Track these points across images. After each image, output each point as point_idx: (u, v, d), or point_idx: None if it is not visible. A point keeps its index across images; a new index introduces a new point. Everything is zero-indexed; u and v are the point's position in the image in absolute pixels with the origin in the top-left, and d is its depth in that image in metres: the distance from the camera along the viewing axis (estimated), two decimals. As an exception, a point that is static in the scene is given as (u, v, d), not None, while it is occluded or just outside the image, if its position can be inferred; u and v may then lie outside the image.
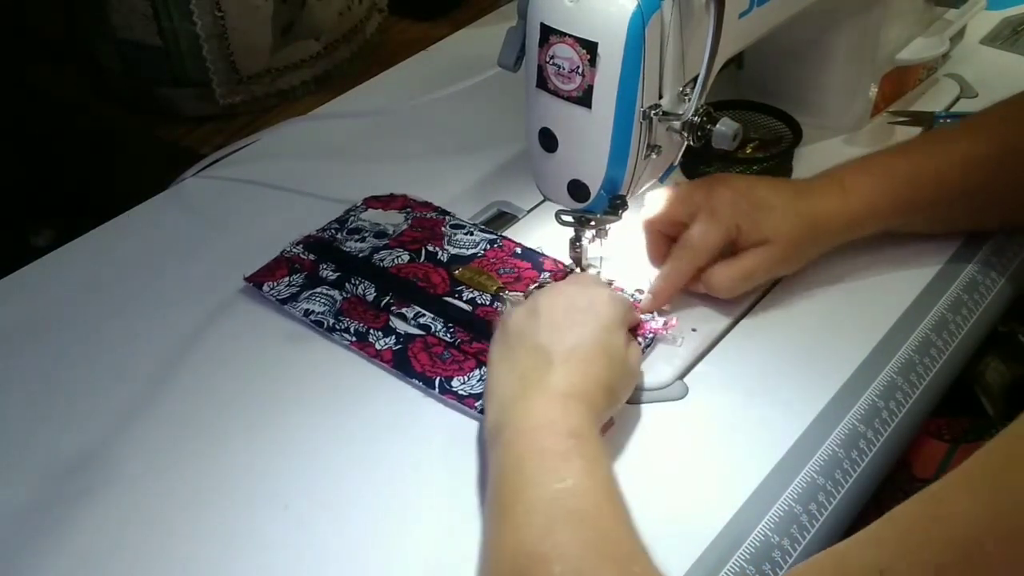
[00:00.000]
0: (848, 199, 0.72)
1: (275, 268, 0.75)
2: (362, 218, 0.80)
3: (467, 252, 0.77)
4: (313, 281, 0.74)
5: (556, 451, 0.55)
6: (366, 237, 0.78)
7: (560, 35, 0.60)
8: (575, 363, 0.59)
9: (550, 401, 0.58)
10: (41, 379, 0.70)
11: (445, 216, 0.81)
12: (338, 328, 0.70)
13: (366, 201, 0.83)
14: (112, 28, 0.98)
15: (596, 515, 0.52)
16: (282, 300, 0.73)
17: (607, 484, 0.54)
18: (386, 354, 0.69)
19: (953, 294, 0.74)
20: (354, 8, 1.09)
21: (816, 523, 0.60)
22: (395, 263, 0.75)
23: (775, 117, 0.87)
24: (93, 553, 0.58)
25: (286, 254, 0.76)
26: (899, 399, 0.67)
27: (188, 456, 0.64)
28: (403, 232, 0.78)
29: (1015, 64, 1.00)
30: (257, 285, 0.74)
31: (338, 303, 0.72)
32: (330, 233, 0.79)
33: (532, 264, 0.76)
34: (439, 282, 0.74)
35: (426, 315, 0.71)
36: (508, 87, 0.69)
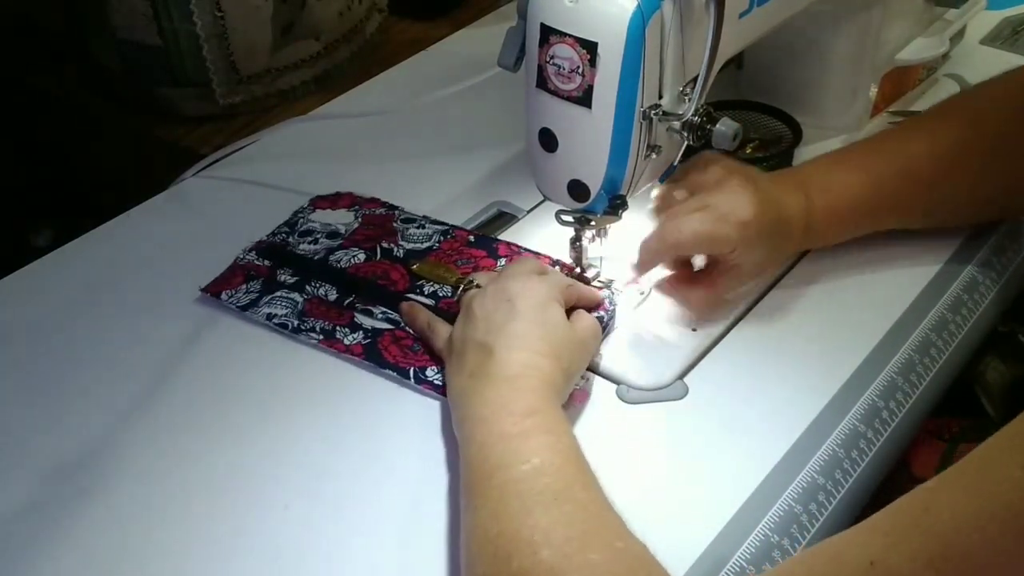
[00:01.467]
0: (812, 204, 0.70)
1: (231, 276, 0.75)
2: (311, 219, 0.80)
3: (422, 246, 0.77)
4: (271, 286, 0.74)
5: (515, 433, 0.56)
6: (319, 239, 0.78)
7: (560, 35, 0.60)
8: (514, 346, 0.61)
9: (498, 386, 0.59)
10: (41, 379, 0.70)
11: (394, 211, 0.81)
12: (303, 328, 0.70)
13: (313, 202, 0.83)
14: (112, 28, 0.98)
15: (568, 490, 0.53)
16: (242, 307, 0.72)
17: (573, 456, 0.56)
18: (355, 348, 0.69)
19: (953, 294, 0.74)
20: (354, 8, 1.09)
21: (816, 523, 0.60)
22: (352, 263, 0.75)
23: (775, 117, 0.87)
24: (93, 553, 0.58)
25: (240, 261, 0.76)
26: (899, 399, 0.67)
27: (188, 456, 0.64)
28: (355, 231, 0.79)
29: (1015, 64, 1.00)
30: (215, 295, 0.73)
31: (300, 305, 0.72)
32: (281, 237, 0.79)
33: (487, 252, 0.76)
34: (399, 279, 0.74)
35: (391, 311, 0.71)
36: (508, 87, 0.69)
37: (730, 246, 0.67)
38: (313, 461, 0.63)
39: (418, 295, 0.73)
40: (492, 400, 0.58)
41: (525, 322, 0.62)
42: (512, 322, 0.62)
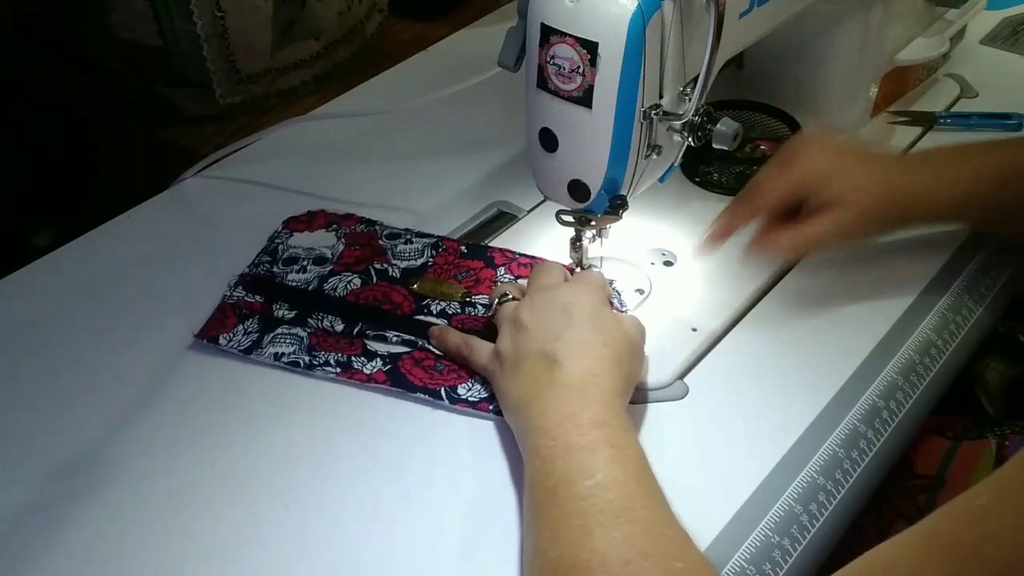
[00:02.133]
0: (939, 186, 0.69)
1: (223, 318, 0.71)
2: (291, 245, 0.77)
3: (416, 263, 0.75)
4: (270, 323, 0.70)
5: (581, 445, 0.55)
6: (306, 266, 0.75)
7: (560, 35, 0.60)
8: (578, 355, 0.60)
9: (564, 395, 0.58)
10: (41, 379, 0.70)
11: (375, 226, 0.79)
12: (316, 364, 0.67)
13: (287, 224, 0.80)
14: (112, 28, 0.98)
15: (630, 508, 0.52)
16: (245, 350, 0.69)
17: (637, 470, 0.54)
18: (378, 376, 0.67)
19: (953, 294, 0.74)
20: (354, 8, 1.09)
21: (816, 523, 0.60)
22: (349, 289, 0.73)
23: (775, 117, 0.87)
24: (93, 553, 0.58)
25: (228, 300, 0.72)
26: (899, 399, 0.67)
27: (188, 456, 0.64)
28: (342, 253, 0.76)
29: (1015, 64, 1.00)
30: (211, 340, 0.69)
31: (306, 339, 0.69)
32: (265, 267, 0.75)
33: (484, 262, 0.76)
34: (402, 301, 0.72)
35: (400, 335, 0.70)
36: (508, 87, 0.69)
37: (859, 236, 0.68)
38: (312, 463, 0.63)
39: (426, 315, 0.71)
40: (558, 410, 0.57)
41: (584, 330, 0.61)
42: (570, 330, 0.61)
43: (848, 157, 0.69)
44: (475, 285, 0.73)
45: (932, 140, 0.90)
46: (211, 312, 0.73)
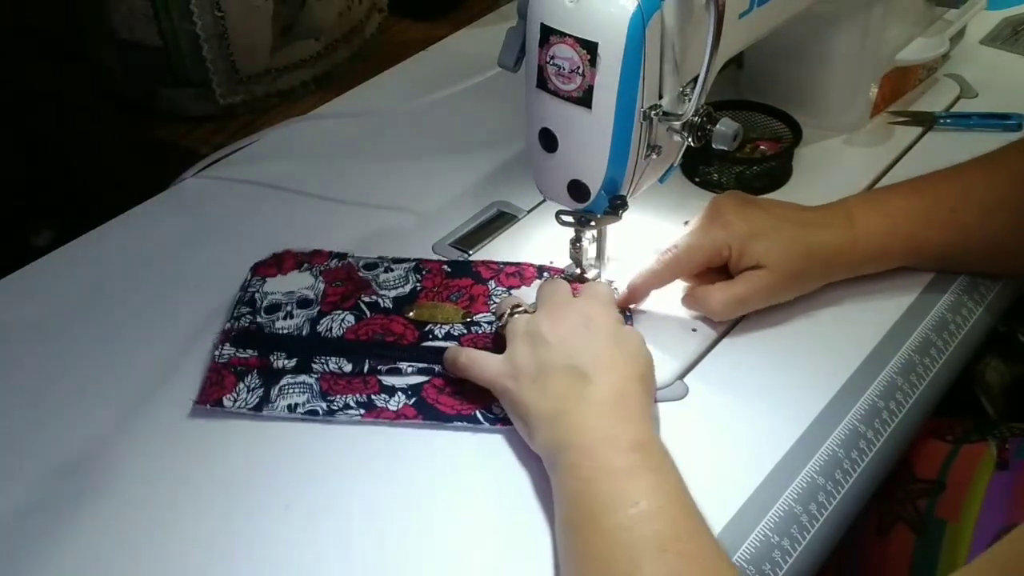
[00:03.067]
0: (856, 237, 0.70)
1: (219, 379, 0.66)
2: (268, 291, 0.73)
3: (405, 289, 0.73)
4: (272, 376, 0.67)
5: (622, 468, 0.55)
6: (291, 311, 0.71)
7: (560, 35, 0.60)
8: (606, 370, 0.60)
9: (601, 414, 0.57)
10: (41, 379, 0.70)
11: (346, 259, 0.76)
12: (336, 408, 0.65)
13: (255, 271, 0.75)
14: (112, 28, 0.98)
15: (675, 538, 0.52)
16: (254, 408, 0.65)
17: (680, 498, 0.54)
18: (407, 412, 0.65)
19: (953, 294, 0.74)
20: (354, 8, 1.09)
21: (816, 523, 0.60)
22: (345, 327, 0.70)
23: (775, 117, 0.87)
24: (93, 553, 0.58)
25: (219, 360, 0.68)
26: (899, 399, 0.67)
27: (188, 456, 0.64)
28: (325, 292, 0.73)
29: (1015, 64, 1.00)
30: (215, 404, 0.65)
31: (316, 386, 0.66)
32: (247, 319, 0.71)
33: (472, 278, 0.74)
34: (403, 330, 0.70)
35: (415, 364, 0.68)
36: (508, 87, 0.69)
37: (786, 294, 0.70)
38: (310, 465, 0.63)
39: (433, 341, 0.69)
40: (595, 428, 0.57)
41: (608, 345, 0.61)
42: (594, 344, 0.61)
43: (767, 217, 0.70)
44: (471, 304, 0.72)
45: (932, 140, 0.90)
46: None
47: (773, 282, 0.69)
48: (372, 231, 0.82)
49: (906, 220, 0.71)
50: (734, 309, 0.70)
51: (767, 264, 0.68)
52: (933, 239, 0.72)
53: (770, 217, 0.70)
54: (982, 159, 0.74)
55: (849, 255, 0.71)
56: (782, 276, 0.69)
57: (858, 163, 0.87)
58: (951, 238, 0.72)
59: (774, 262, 0.68)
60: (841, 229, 0.71)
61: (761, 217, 0.70)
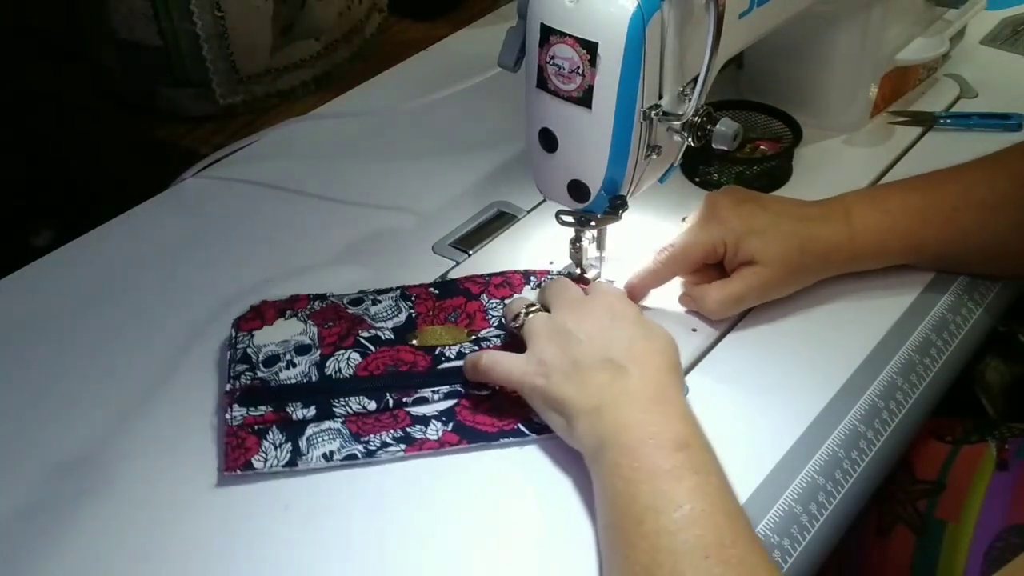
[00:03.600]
0: (854, 233, 0.70)
1: (240, 442, 0.63)
2: (259, 344, 0.69)
3: (402, 319, 0.71)
4: (295, 427, 0.64)
5: (666, 469, 0.54)
6: (292, 360, 0.67)
7: (560, 35, 0.60)
8: (643, 362, 0.59)
9: (643, 408, 0.57)
10: (41, 379, 0.70)
11: (328, 299, 0.72)
12: (374, 448, 0.62)
13: (237, 326, 0.71)
14: (112, 28, 0.98)
15: (718, 543, 0.51)
16: (288, 464, 0.61)
17: (723, 501, 0.54)
18: (449, 439, 0.63)
19: (953, 294, 0.74)
20: (354, 8, 1.09)
21: (816, 523, 0.60)
22: (353, 366, 0.67)
23: (775, 117, 0.87)
24: (93, 553, 0.58)
25: (233, 423, 0.63)
26: (899, 399, 0.67)
27: (188, 455, 0.64)
28: (320, 335, 0.69)
29: (1015, 64, 1.00)
30: (245, 468, 0.61)
31: (344, 429, 0.63)
32: (248, 376, 0.66)
33: (463, 296, 0.73)
34: (413, 359, 0.68)
35: (440, 389, 0.66)
36: (508, 87, 0.69)
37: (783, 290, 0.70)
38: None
39: (447, 363, 0.68)
40: (638, 424, 0.56)
41: (640, 337, 0.61)
42: (625, 336, 0.61)
43: (763, 213, 0.70)
44: (471, 321, 0.71)
45: (932, 140, 0.90)
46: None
47: (769, 278, 0.69)
48: (372, 231, 0.82)
49: (904, 217, 0.71)
50: (730, 307, 0.70)
51: (762, 260, 0.68)
52: (932, 237, 0.71)
53: (766, 213, 0.70)
54: (984, 159, 0.73)
55: (846, 251, 0.71)
56: (778, 272, 0.69)
57: (858, 163, 0.87)
58: (950, 237, 0.71)
59: (770, 258, 0.68)
60: (839, 225, 0.71)
61: (757, 213, 0.70)
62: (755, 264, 0.69)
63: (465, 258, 0.78)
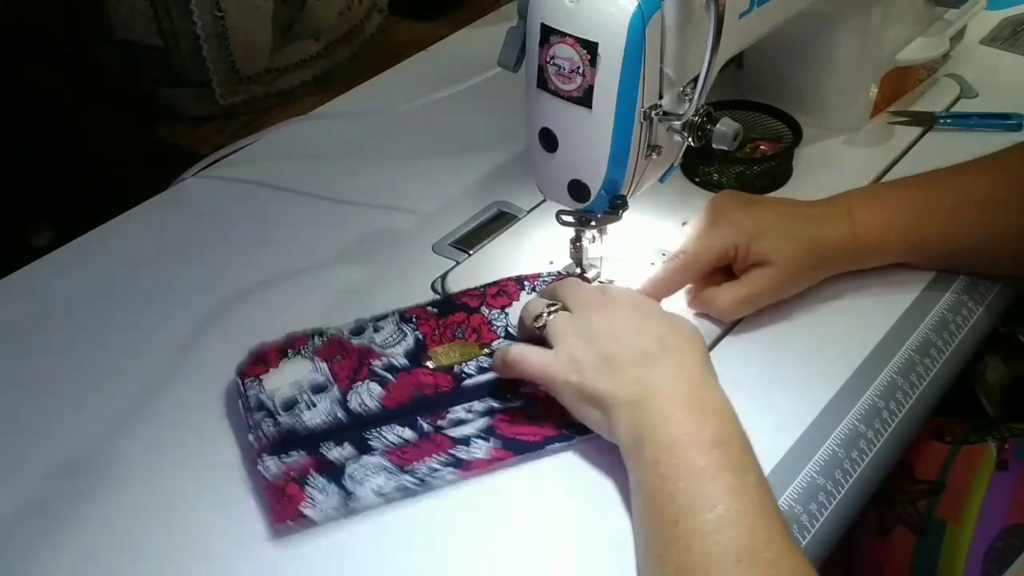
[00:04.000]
0: (856, 229, 0.70)
1: (282, 493, 0.59)
2: (270, 390, 0.65)
3: (410, 343, 0.69)
4: (335, 468, 0.61)
5: (701, 467, 0.54)
6: (310, 400, 0.65)
7: (560, 35, 0.60)
8: (674, 354, 0.59)
9: (681, 403, 0.57)
10: (41, 379, 0.70)
11: (327, 334, 0.69)
12: (427, 478, 0.60)
13: (244, 375, 0.66)
14: (112, 28, 0.98)
15: (752, 547, 0.51)
16: (339, 508, 0.59)
17: (759, 502, 0.53)
18: (498, 454, 0.62)
19: (953, 294, 0.74)
20: (354, 8, 1.09)
21: (816, 523, 0.60)
22: (376, 397, 0.65)
23: (775, 117, 0.87)
24: (94, 553, 0.58)
25: (269, 475, 0.60)
26: (899, 399, 0.67)
27: (188, 456, 0.64)
28: (332, 371, 0.66)
29: (1015, 64, 1.00)
30: (296, 519, 0.58)
31: (386, 462, 0.61)
32: (269, 425, 0.63)
33: (464, 312, 0.71)
34: (435, 380, 0.66)
35: (474, 407, 0.65)
36: (508, 87, 0.69)
37: (791, 290, 0.70)
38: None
39: (469, 379, 0.67)
40: (677, 420, 0.56)
41: (670, 331, 0.61)
42: (655, 331, 0.60)
43: (770, 214, 0.70)
44: (479, 335, 0.70)
45: (932, 140, 0.90)
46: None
47: (780, 278, 0.69)
48: (372, 231, 0.82)
49: (905, 215, 0.71)
50: (742, 308, 0.70)
51: (774, 261, 0.68)
52: (932, 235, 0.71)
53: (773, 214, 0.70)
54: (985, 159, 0.74)
55: (849, 248, 0.71)
56: (788, 272, 0.69)
57: (858, 163, 0.87)
58: (951, 235, 0.72)
59: (781, 258, 0.68)
60: (840, 222, 0.71)
61: (764, 214, 0.70)
62: (767, 265, 0.69)
63: (465, 258, 0.78)
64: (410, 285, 0.76)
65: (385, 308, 0.72)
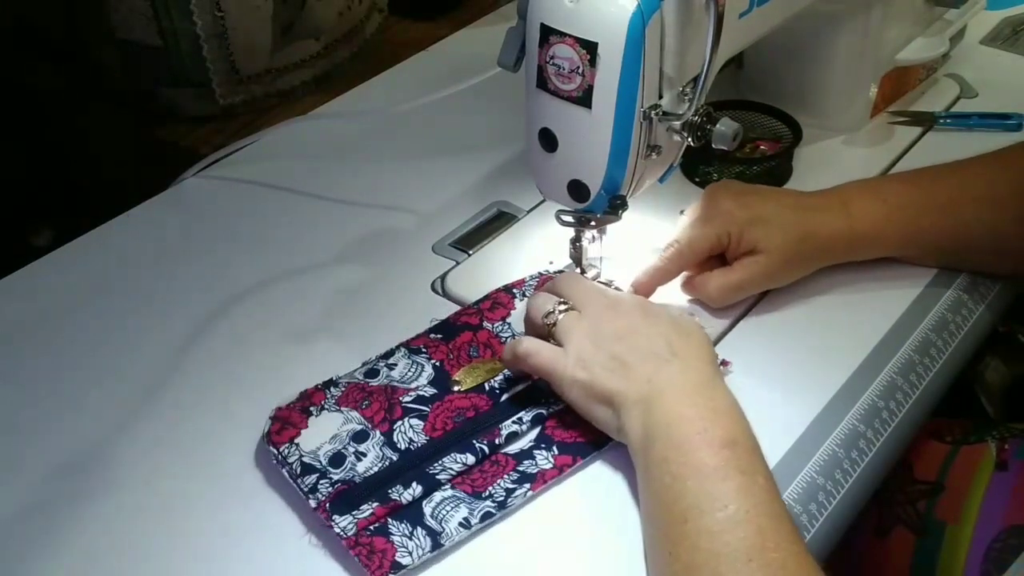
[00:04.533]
0: (852, 222, 0.71)
1: (370, 546, 0.57)
2: (312, 451, 0.62)
3: (431, 373, 0.68)
4: (412, 511, 0.59)
5: (712, 467, 0.54)
6: (357, 450, 0.62)
7: (560, 35, 0.60)
8: (683, 355, 0.59)
9: (693, 403, 0.57)
10: (41, 379, 0.70)
11: (342, 381, 0.67)
12: (501, 498, 0.60)
13: (276, 441, 0.63)
14: (112, 28, 0.98)
15: (761, 547, 0.51)
16: (433, 548, 0.57)
17: (768, 503, 0.53)
18: (563, 461, 0.62)
19: (953, 294, 0.74)
20: (354, 8, 1.09)
21: (816, 523, 0.60)
22: (421, 432, 0.63)
23: (775, 117, 0.87)
24: (94, 553, 0.58)
25: (350, 533, 0.57)
26: (899, 399, 0.67)
27: (188, 456, 0.64)
28: (365, 415, 0.64)
29: (1015, 64, 1.00)
30: (395, 569, 0.56)
31: (459, 493, 0.60)
32: (326, 484, 0.60)
33: (467, 331, 0.70)
34: (470, 402, 0.65)
35: (522, 417, 0.64)
36: (508, 87, 0.69)
37: (783, 279, 0.71)
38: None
39: (505, 393, 0.66)
40: (688, 420, 0.56)
41: (678, 333, 0.61)
42: (663, 331, 0.60)
43: (764, 203, 0.70)
44: (492, 350, 0.69)
45: (932, 140, 0.90)
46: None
47: (770, 267, 0.69)
48: (372, 231, 0.82)
49: (902, 207, 0.71)
50: (731, 295, 0.70)
51: (764, 249, 0.69)
52: (928, 228, 0.71)
53: (767, 203, 0.70)
54: (985, 156, 0.74)
55: (845, 239, 0.71)
56: (779, 260, 0.69)
57: (858, 163, 0.87)
58: (947, 230, 0.72)
59: (772, 247, 0.69)
60: (837, 213, 0.71)
61: (758, 203, 0.70)
62: (757, 253, 0.69)
63: (465, 258, 0.78)
64: (410, 285, 0.76)
65: (385, 308, 0.72)
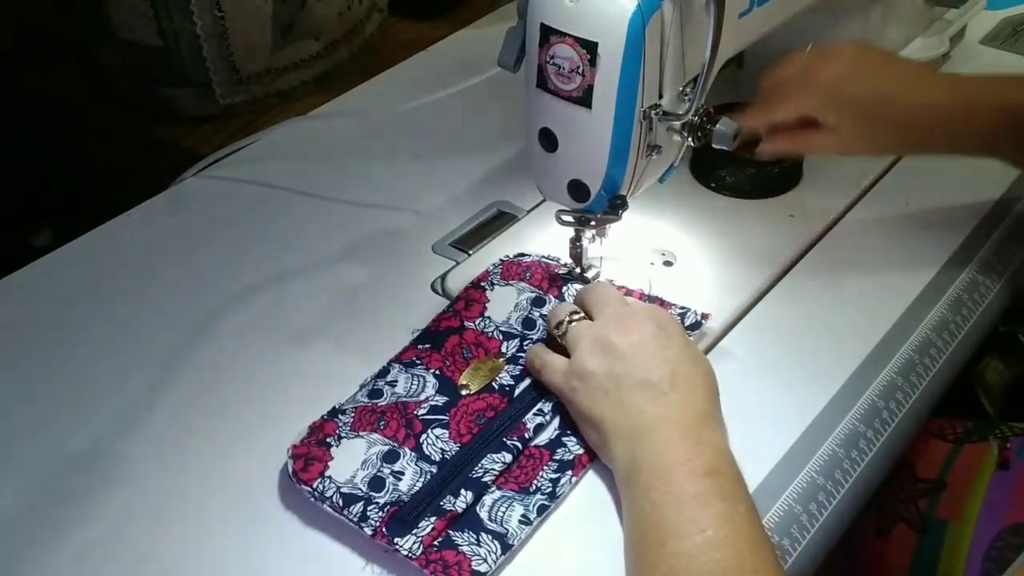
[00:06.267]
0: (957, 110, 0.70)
1: (442, 561, 0.56)
2: (347, 480, 0.60)
3: (435, 382, 0.67)
4: (469, 518, 0.59)
5: (693, 494, 0.54)
6: (394, 471, 0.61)
7: (560, 35, 0.60)
8: (684, 388, 0.59)
9: (682, 436, 0.57)
10: (41, 379, 0.70)
11: (347, 410, 0.65)
12: (549, 489, 0.60)
13: (300, 480, 0.60)
14: (112, 28, 0.98)
15: (739, 569, 0.51)
16: (504, 550, 0.57)
17: (746, 526, 0.53)
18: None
19: (953, 294, 0.74)
20: (354, 8, 1.09)
21: (816, 523, 0.60)
22: (449, 439, 0.63)
23: (775, 117, 0.87)
24: (94, 553, 0.58)
25: (418, 552, 0.56)
26: (899, 399, 0.67)
27: (188, 456, 0.64)
28: (386, 438, 0.63)
29: (1015, 64, 1.00)
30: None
31: (509, 493, 0.60)
32: (376, 509, 0.59)
33: (454, 334, 0.70)
34: (485, 403, 0.65)
35: (542, 408, 0.65)
36: (508, 87, 0.69)
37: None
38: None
39: (517, 387, 0.66)
40: (674, 451, 0.56)
41: (686, 361, 0.60)
42: (671, 357, 0.60)
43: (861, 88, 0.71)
44: (479, 348, 0.69)
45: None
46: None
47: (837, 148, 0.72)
48: (372, 231, 0.82)
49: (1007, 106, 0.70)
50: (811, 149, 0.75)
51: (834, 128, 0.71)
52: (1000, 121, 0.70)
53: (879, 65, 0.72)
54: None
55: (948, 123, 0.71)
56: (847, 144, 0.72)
57: (860, 162, 0.87)
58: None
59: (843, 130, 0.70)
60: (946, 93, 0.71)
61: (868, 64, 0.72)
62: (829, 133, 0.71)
63: (465, 258, 0.79)
64: (410, 285, 0.76)
65: (385, 308, 0.73)
